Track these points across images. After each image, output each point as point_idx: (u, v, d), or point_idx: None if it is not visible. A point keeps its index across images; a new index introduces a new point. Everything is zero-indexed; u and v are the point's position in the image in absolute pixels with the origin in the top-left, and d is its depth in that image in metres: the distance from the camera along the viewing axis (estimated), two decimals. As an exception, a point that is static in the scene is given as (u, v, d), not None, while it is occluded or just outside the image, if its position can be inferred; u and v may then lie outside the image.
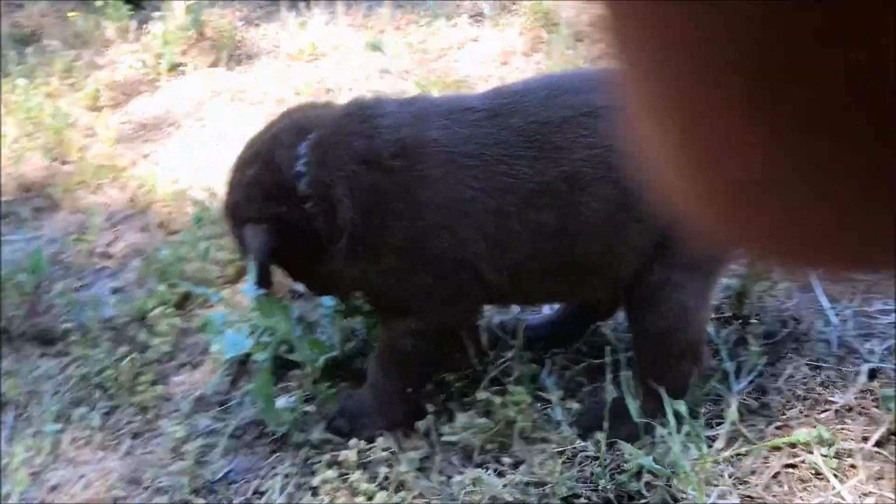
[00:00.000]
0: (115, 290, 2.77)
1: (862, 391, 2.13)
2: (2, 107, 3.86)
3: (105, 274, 2.90)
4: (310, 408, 2.17)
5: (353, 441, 1.99)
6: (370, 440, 2.02)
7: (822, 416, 2.07)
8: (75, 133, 3.66)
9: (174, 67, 4.31)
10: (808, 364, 2.24)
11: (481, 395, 2.12)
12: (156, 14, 4.97)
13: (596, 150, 1.83)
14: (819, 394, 2.15)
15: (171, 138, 3.73)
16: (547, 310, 2.47)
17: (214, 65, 4.33)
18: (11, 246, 3.04)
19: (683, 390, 1.98)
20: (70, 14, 4.96)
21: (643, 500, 1.87)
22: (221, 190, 2.27)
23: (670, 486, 1.86)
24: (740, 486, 1.92)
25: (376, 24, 4.60)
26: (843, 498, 1.86)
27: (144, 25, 4.89)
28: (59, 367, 2.45)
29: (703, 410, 2.08)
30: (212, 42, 4.60)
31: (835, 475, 1.91)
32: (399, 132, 1.91)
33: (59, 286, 2.80)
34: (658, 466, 1.85)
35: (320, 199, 1.93)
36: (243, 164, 2.07)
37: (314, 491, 1.92)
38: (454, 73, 3.88)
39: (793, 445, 1.99)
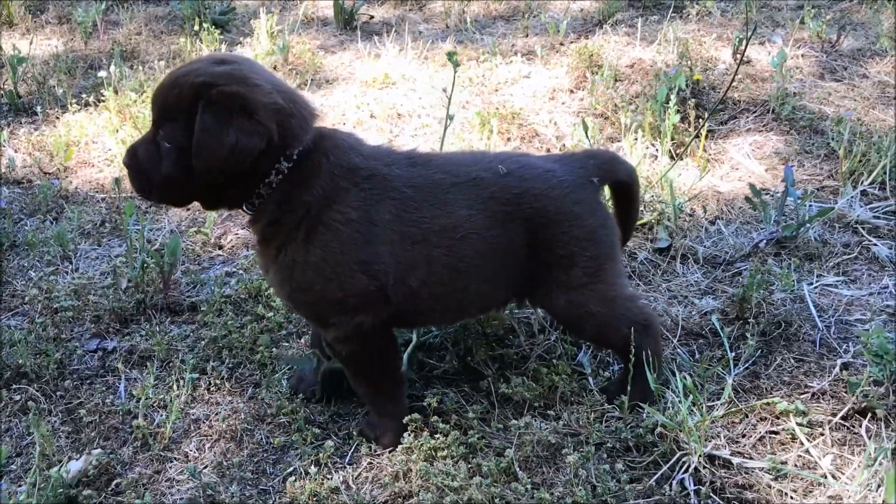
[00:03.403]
0: (229, 274, 3.37)
1: (835, 380, 2.67)
2: (111, 116, 4.51)
3: (219, 261, 3.52)
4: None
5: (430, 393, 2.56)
6: (396, 441, 2.47)
7: (802, 396, 2.62)
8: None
9: (264, 89, 4.94)
10: (794, 357, 2.79)
11: (532, 365, 2.70)
12: (242, 39, 5.65)
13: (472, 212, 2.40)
14: (801, 380, 2.69)
15: (265, 150, 4.34)
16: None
17: (300, 87, 4.95)
18: (136, 234, 3.65)
19: (656, 352, 2.54)
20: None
21: (655, 448, 2.42)
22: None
23: (677, 440, 2.41)
24: (732, 445, 2.46)
25: (439, 59, 5.22)
26: (811, 455, 2.40)
27: (233, 49, 5.55)
28: (190, 331, 3.05)
29: (706, 387, 2.64)
30: (293, 66, 5.24)
31: (807, 440, 2.45)
32: None
33: (182, 268, 3.43)
34: (670, 422, 2.40)
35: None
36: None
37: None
38: (509, 105, 4.46)
39: (776, 416, 2.53)
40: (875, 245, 3.36)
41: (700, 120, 4.09)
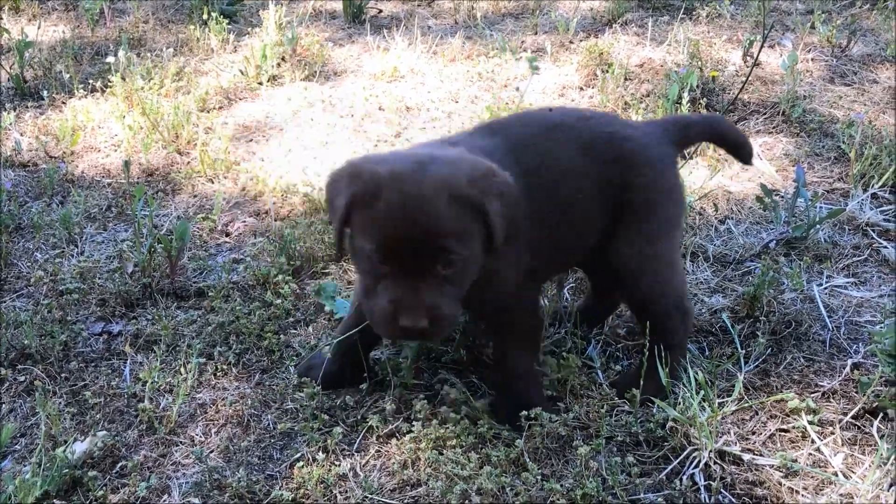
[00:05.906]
0: (236, 261, 3.35)
1: (846, 380, 2.66)
2: (119, 102, 4.49)
3: (225, 247, 3.49)
4: (401, 358, 2.73)
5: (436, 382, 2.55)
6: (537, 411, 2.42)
7: (812, 395, 2.60)
8: (190, 129, 4.27)
9: (273, 78, 4.94)
10: (804, 357, 2.78)
11: (541, 357, 2.68)
12: (250, 30, 5.63)
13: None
14: (811, 379, 2.68)
15: (273, 139, 4.33)
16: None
17: (308, 79, 4.94)
18: (144, 219, 3.63)
19: (682, 344, 2.58)
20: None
21: (665, 443, 2.41)
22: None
23: (687, 435, 2.40)
24: (742, 441, 2.45)
25: (448, 53, 5.20)
26: (822, 454, 2.39)
27: (241, 38, 5.53)
28: (197, 317, 3.03)
29: (717, 384, 2.62)
30: (301, 58, 5.22)
31: (818, 438, 2.43)
32: None
33: (189, 254, 3.40)
34: (681, 416, 2.38)
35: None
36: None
37: (413, 416, 2.47)
38: (519, 101, 4.44)
39: (786, 414, 2.52)
40: (885, 247, 3.35)
41: (710, 119, 4.08)
